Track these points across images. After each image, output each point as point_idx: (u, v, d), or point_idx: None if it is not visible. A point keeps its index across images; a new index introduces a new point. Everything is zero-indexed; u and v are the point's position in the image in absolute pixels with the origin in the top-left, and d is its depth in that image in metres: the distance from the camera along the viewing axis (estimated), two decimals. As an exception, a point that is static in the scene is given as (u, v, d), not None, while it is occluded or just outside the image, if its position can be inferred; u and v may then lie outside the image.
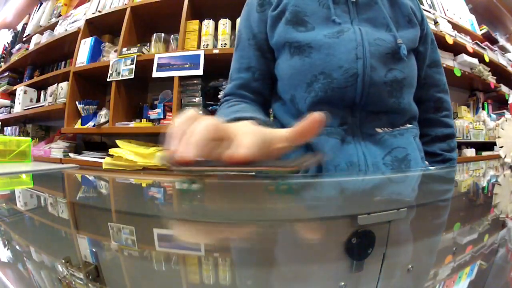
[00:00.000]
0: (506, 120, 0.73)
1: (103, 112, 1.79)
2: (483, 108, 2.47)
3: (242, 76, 0.62)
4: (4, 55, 2.90)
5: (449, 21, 2.07)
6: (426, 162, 0.62)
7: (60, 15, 2.37)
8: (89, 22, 1.99)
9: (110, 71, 1.73)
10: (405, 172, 0.53)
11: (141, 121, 1.69)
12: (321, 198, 0.33)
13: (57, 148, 1.90)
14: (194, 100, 1.60)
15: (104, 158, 1.59)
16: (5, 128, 2.65)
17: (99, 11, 1.95)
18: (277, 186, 0.29)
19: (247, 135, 0.28)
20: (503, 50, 2.64)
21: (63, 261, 0.17)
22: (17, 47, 2.67)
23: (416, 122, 0.62)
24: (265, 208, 0.29)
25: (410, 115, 0.59)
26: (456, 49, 2.05)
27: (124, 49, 1.73)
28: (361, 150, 0.53)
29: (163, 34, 1.75)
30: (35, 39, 2.40)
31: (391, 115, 0.56)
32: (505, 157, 0.73)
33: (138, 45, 1.73)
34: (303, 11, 0.56)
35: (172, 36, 1.74)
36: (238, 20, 1.64)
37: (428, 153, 0.66)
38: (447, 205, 0.32)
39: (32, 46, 2.39)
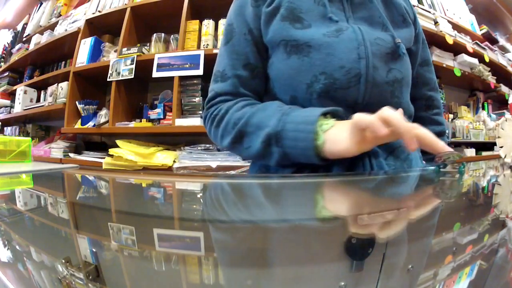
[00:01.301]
0: (506, 120, 0.73)
1: (103, 112, 1.79)
2: (483, 108, 2.47)
3: (240, 74, 0.58)
4: (4, 55, 2.90)
5: (449, 21, 2.07)
6: (424, 162, 0.63)
7: (60, 15, 2.37)
8: (89, 22, 1.99)
9: (110, 71, 1.73)
10: (407, 172, 0.53)
11: (141, 121, 1.69)
12: (321, 198, 0.33)
13: (57, 148, 1.90)
14: (194, 100, 1.60)
15: (104, 158, 1.59)
16: (5, 128, 2.65)
17: (99, 11, 1.95)
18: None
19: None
20: (503, 50, 2.64)
21: (63, 261, 0.17)
22: (17, 47, 2.67)
23: (412, 121, 0.61)
24: (264, 208, 0.29)
25: (408, 114, 0.59)
26: (456, 49, 2.05)
27: (124, 49, 1.73)
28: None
29: (163, 34, 1.75)
30: (35, 39, 2.39)
31: None
32: (505, 157, 0.73)
33: (138, 45, 1.73)
34: (298, 8, 0.55)
35: (172, 36, 1.74)
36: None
37: (420, 152, 0.65)
38: (447, 205, 0.32)
39: (32, 46, 2.39)
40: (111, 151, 1.52)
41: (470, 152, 2.05)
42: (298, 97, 0.54)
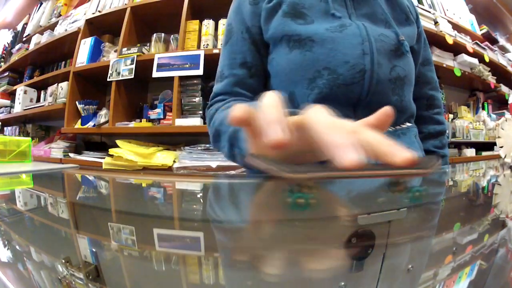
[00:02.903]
0: (506, 120, 0.73)
1: (103, 112, 1.79)
2: (483, 108, 2.47)
3: (236, 73, 0.58)
4: (4, 55, 2.90)
5: (449, 21, 2.07)
6: None
7: (60, 15, 2.37)
8: (89, 22, 1.99)
9: (110, 71, 1.73)
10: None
11: (141, 121, 1.69)
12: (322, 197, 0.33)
13: (57, 148, 1.90)
14: (194, 100, 1.60)
15: (104, 158, 1.59)
16: (5, 128, 2.65)
17: (99, 11, 1.95)
18: (292, 200, 0.22)
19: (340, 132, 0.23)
20: (503, 50, 2.64)
21: (63, 261, 0.17)
22: (17, 47, 2.67)
23: (413, 120, 0.62)
24: (264, 208, 0.29)
25: (409, 113, 0.59)
26: (456, 49, 2.05)
27: (124, 49, 1.73)
28: None
29: (163, 34, 1.75)
30: (35, 39, 2.39)
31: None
32: (505, 157, 0.73)
33: (138, 45, 1.73)
34: (301, 3, 0.54)
35: (172, 36, 1.74)
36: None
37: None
38: (447, 205, 0.32)
39: (32, 46, 2.39)
40: (111, 151, 1.52)
41: (470, 152, 2.05)
42: (296, 93, 0.53)
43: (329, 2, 0.54)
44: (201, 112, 1.56)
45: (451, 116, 2.18)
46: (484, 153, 2.18)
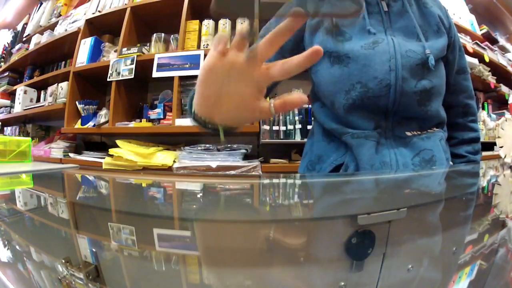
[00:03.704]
0: (506, 120, 0.73)
1: (103, 112, 1.78)
2: (483, 108, 2.47)
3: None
4: (4, 55, 2.90)
5: (449, 21, 2.07)
6: (451, 163, 0.67)
7: (60, 15, 2.37)
8: (89, 22, 1.99)
9: (110, 71, 1.73)
10: (427, 171, 0.57)
11: (141, 121, 1.69)
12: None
13: (57, 148, 1.90)
14: (194, 100, 1.59)
15: (104, 158, 1.59)
16: (5, 128, 2.65)
17: (99, 11, 1.95)
18: None
19: None
20: (503, 50, 2.63)
21: (63, 261, 0.17)
22: (17, 47, 2.67)
23: (444, 126, 0.66)
24: (266, 207, 0.29)
25: (438, 120, 0.63)
26: (456, 49, 2.04)
27: (124, 49, 1.73)
28: (393, 151, 0.58)
29: (163, 34, 1.75)
30: (35, 39, 2.39)
31: (420, 120, 0.60)
32: (505, 157, 0.73)
33: (138, 45, 1.73)
34: (340, 21, 0.60)
35: (172, 36, 1.74)
36: (238, 20, 1.65)
37: (455, 155, 0.71)
38: (447, 205, 0.32)
39: (32, 46, 2.39)
40: (111, 151, 1.52)
41: (470, 152, 2.05)
42: (335, 102, 0.59)
43: (366, 18, 0.59)
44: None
45: (451, 116, 2.18)
46: (484, 153, 2.18)
